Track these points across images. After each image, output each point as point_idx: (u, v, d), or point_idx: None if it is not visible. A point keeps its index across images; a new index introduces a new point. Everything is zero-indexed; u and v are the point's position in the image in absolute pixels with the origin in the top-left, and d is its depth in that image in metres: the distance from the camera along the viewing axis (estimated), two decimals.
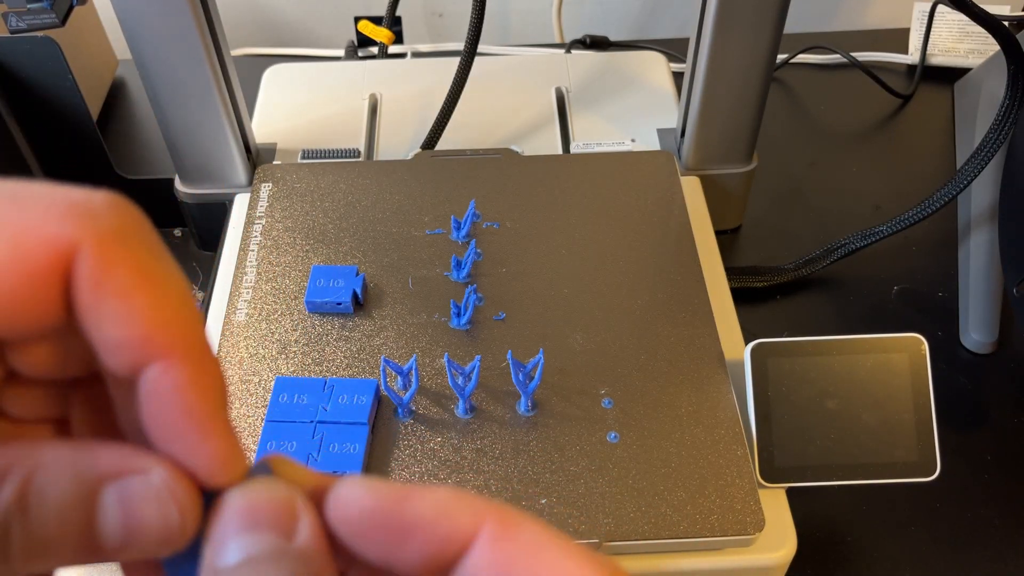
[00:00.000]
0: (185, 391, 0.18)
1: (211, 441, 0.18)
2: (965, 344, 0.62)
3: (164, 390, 0.18)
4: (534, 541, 0.18)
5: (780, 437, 0.43)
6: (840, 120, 0.81)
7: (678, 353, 0.48)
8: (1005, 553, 0.51)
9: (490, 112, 0.68)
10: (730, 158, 0.63)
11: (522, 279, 0.52)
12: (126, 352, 0.18)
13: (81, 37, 0.78)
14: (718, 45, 0.56)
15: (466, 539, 0.18)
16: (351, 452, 0.42)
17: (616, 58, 0.74)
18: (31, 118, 0.62)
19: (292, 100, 0.69)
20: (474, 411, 0.45)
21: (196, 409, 0.18)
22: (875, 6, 1.03)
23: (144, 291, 0.17)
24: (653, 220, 0.55)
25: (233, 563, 0.17)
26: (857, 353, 0.44)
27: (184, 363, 0.18)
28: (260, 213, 0.56)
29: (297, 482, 0.19)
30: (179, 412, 0.18)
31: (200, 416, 0.18)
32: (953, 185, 0.61)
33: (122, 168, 0.65)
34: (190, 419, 0.18)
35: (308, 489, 0.19)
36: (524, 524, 0.18)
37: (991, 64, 0.77)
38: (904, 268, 0.67)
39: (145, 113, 0.81)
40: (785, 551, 0.43)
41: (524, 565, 0.18)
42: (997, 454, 0.56)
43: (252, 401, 0.46)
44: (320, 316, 0.50)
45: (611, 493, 0.42)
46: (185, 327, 0.18)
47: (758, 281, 0.65)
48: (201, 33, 0.52)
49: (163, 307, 0.18)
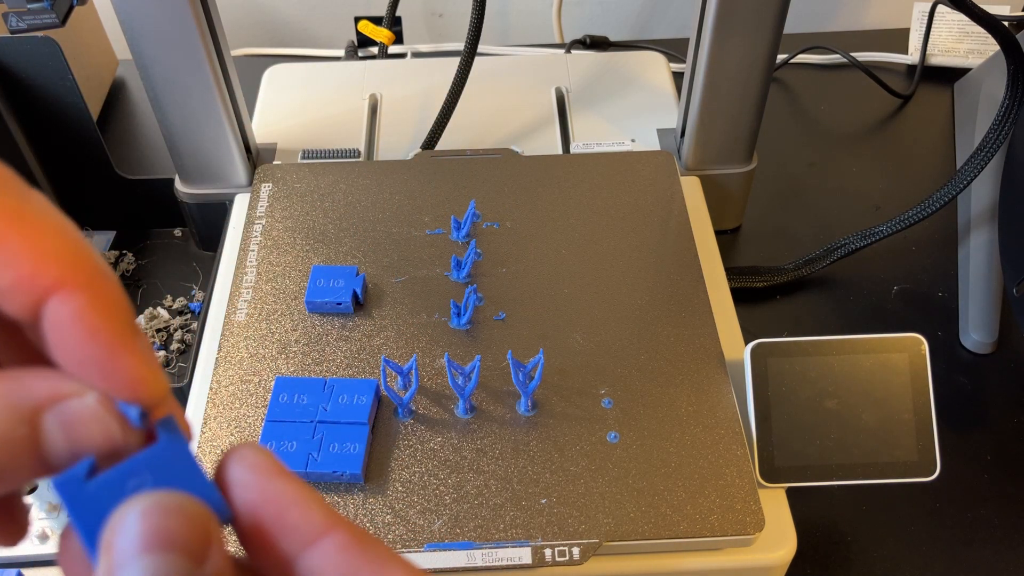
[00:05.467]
0: (84, 317, 0.18)
1: (122, 359, 0.18)
2: (965, 344, 0.62)
3: (63, 321, 0.18)
4: (383, 555, 0.18)
5: (780, 437, 0.43)
6: (840, 120, 0.81)
7: (678, 353, 0.48)
8: (1005, 553, 0.51)
9: (490, 112, 0.68)
10: (730, 158, 0.63)
11: (522, 279, 0.52)
12: (19, 296, 0.18)
13: (81, 37, 0.78)
14: (718, 45, 0.56)
15: (312, 535, 0.18)
16: (351, 452, 0.42)
17: (616, 58, 0.74)
18: (31, 118, 0.62)
19: (292, 100, 0.69)
20: (474, 411, 0.45)
21: (99, 332, 0.18)
22: (875, 6, 1.03)
23: (17, 232, 0.18)
24: (653, 220, 0.55)
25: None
26: (857, 353, 0.44)
27: (78, 291, 0.18)
28: (260, 213, 0.56)
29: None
30: (83, 338, 0.18)
31: (105, 337, 0.18)
32: (953, 185, 0.61)
33: (122, 168, 0.65)
34: (95, 342, 0.18)
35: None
36: (374, 541, 0.19)
37: (991, 64, 0.77)
38: (904, 268, 0.67)
39: (145, 113, 0.82)
40: (785, 551, 0.43)
41: (369, 572, 0.18)
42: (997, 454, 0.56)
43: (252, 401, 0.46)
44: (320, 316, 0.50)
45: (611, 493, 0.42)
46: (69, 257, 0.18)
47: (758, 281, 0.65)
48: (201, 33, 0.52)
49: (41, 243, 0.18)
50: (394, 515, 0.41)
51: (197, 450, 0.44)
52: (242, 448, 0.19)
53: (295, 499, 0.18)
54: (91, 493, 0.18)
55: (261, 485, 0.19)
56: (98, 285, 0.18)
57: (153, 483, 0.18)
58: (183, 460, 0.19)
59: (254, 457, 0.19)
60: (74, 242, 0.18)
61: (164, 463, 0.18)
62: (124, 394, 0.18)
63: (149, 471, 0.18)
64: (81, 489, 0.18)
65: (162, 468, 0.18)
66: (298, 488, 0.19)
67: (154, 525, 0.17)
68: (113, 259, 0.66)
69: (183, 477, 0.18)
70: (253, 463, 0.19)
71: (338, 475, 0.42)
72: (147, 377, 0.19)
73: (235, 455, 0.19)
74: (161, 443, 0.18)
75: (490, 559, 0.40)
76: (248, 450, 0.19)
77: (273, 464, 0.19)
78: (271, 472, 0.19)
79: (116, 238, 0.67)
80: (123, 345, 0.18)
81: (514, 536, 0.41)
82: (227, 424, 0.45)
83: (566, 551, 0.40)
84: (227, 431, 0.44)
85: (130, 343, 0.18)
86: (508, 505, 0.42)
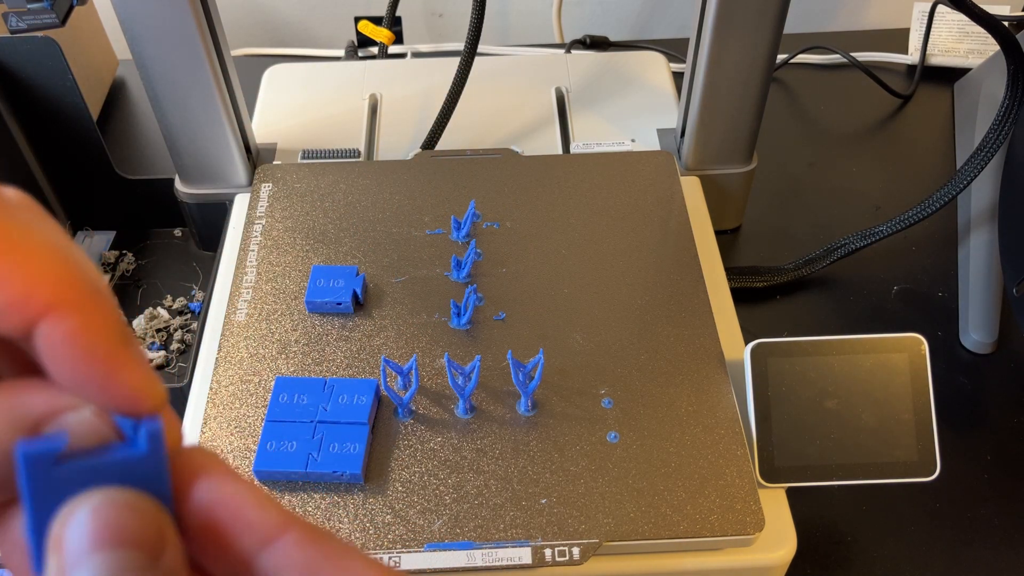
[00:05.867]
0: (76, 338, 0.18)
1: (116, 376, 0.18)
2: (965, 344, 0.62)
3: (56, 342, 0.18)
4: (340, 549, 0.18)
5: (780, 437, 0.43)
6: (840, 120, 0.81)
7: (678, 353, 0.48)
8: (1005, 553, 0.51)
9: (490, 112, 0.68)
10: (730, 158, 0.63)
11: (522, 279, 0.52)
12: (12, 317, 0.18)
13: (81, 37, 0.78)
14: (718, 45, 0.56)
15: (271, 534, 0.18)
16: (351, 452, 0.42)
17: (616, 58, 0.74)
18: (31, 118, 0.62)
19: (292, 100, 0.69)
20: (474, 411, 0.45)
21: (91, 352, 0.18)
22: (875, 6, 1.03)
23: (8, 254, 0.18)
24: (653, 220, 0.55)
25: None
26: (857, 353, 0.44)
27: (69, 313, 0.18)
28: (260, 213, 0.56)
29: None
30: (76, 358, 0.18)
31: (98, 357, 0.18)
32: (953, 185, 0.61)
33: (122, 168, 0.65)
34: (88, 362, 0.18)
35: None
36: (331, 536, 0.19)
37: (991, 64, 0.77)
38: (904, 268, 0.67)
39: (145, 113, 0.82)
40: (785, 551, 0.43)
41: (330, 569, 0.18)
42: (997, 454, 0.56)
43: (252, 401, 0.46)
44: (320, 316, 0.50)
45: (611, 493, 0.42)
46: (61, 279, 0.18)
47: (758, 281, 0.65)
48: (201, 33, 0.52)
49: (33, 266, 0.18)
50: (394, 515, 0.41)
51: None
52: (192, 450, 0.19)
53: (251, 499, 0.18)
54: (54, 478, 0.17)
55: (216, 487, 0.19)
56: (90, 306, 0.18)
57: (117, 482, 0.18)
58: (157, 472, 0.18)
59: (204, 459, 0.19)
60: (67, 263, 0.18)
61: (137, 470, 0.18)
62: (121, 409, 0.19)
63: (116, 471, 0.18)
64: (46, 471, 0.17)
65: (131, 470, 0.18)
66: (252, 489, 0.19)
67: (107, 520, 0.17)
68: (113, 259, 0.66)
69: (148, 481, 0.18)
70: (209, 468, 0.19)
71: (338, 475, 0.42)
72: (142, 391, 0.19)
73: (191, 459, 0.19)
74: (140, 449, 0.18)
75: (490, 559, 0.40)
76: (198, 453, 0.19)
77: (225, 466, 0.19)
78: (224, 474, 0.19)
79: (116, 238, 0.67)
80: (116, 362, 0.18)
81: (514, 536, 0.41)
82: (227, 424, 0.45)
83: (566, 551, 0.40)
84: (227, 431, 0.44)
85: (123, 359, 0.18)
86: (508, 505, 0.42)
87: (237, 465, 0.43)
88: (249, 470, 0.43)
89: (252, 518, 0.18)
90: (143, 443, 0.18)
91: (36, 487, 0.17)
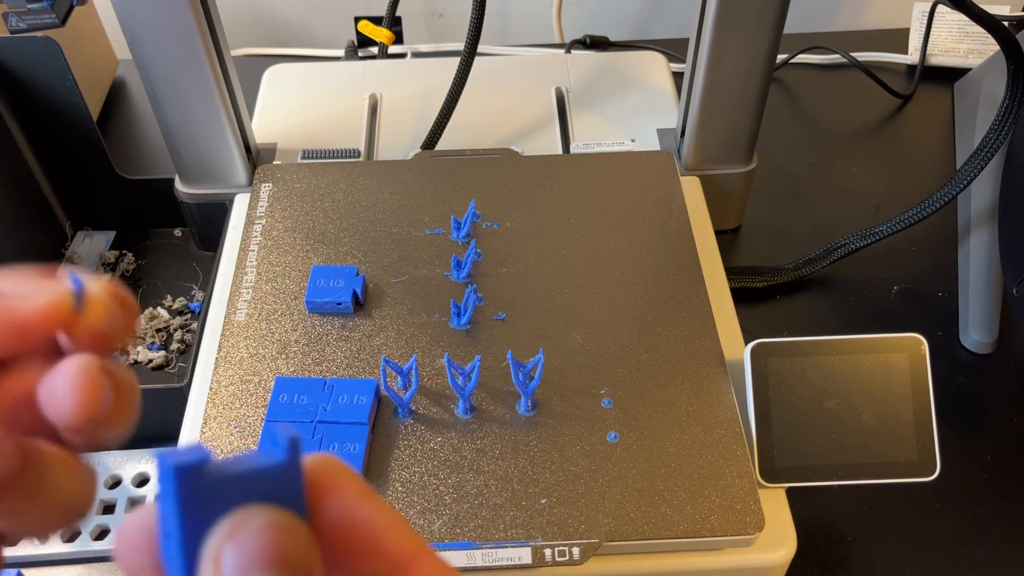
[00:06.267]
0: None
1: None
2: (965, 344, 0.62)
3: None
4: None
5: (780, 437, 0.43)
6: (840, 120, 0.81)
7: (678, 353, 0.48)
8: (1005, 553, 0.51)
9: (490, 112, 0.68)
10: (730, 158, 0.63)
11: (522, 279, 0.52)
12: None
13: (81, 37, 0.78)
14: (718, 45, 0.56)
15: (403, 563, 0.18)
16: (351, 452, 0.42)
17: (616, 58, 0.74)
18: (31, 118, 0.62)
19: (292, 100, 0.69)
20: (474, 411, 0.45)
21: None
22: (875, 6, 1.03)
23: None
24: (653, 220, 0.55)
25: None
26: (857, 353, 0.44)
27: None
28: (260, 213, 0.56)
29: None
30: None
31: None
32: (953, 185, 0.61)
33: (122, 168, 0.65)
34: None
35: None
36: (457, 573, 0.19)
37: (991, 64, 0.77)
38: (904, 268, 0.67)
39: (145, 113, 0.82)
40: (785, 551, 0.43)
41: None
42: (997, 454, 0.56)
43: (252, 401, 0.46)
44: (320, 316, 0.50)
45: (611, 493, 0.42)
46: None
47: (758, 281, 0.65)
48: (201, 33, 0.52)
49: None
50: None
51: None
52: (329, 465, 0.19)
53: (387, 524, 0.18)
54: (202, 489, 0.17)
55: (352, 506, 0.18)
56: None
57: (262, 495, 0.17)
58: (294, 482, 0.18)
59: (337, 472, 0.19)
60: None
61: (277, 479, 0.18)
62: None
63: (261, 482, 0.18)
64: (196, 480, 0.17)
65: (273, 483, 0.18)
66: (389, 512, 0.18)
67: (271, 542, 0.17)
68: (113, 259, 0.66)
69: (290, 498, 0.18)
70: (343, 485, 0.18)
71: None
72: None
73: (324, 473, 0.18)
74: (279, 458, 0.18)
75: (490, 559, 0.40)
76: (332, 464, 0.19)
77: (362, 485, 0.19)
78: (360, 492, 0.18)
79: (116, 238, 0.67)
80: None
81: (514, 536, 0.41)
82: (227, 424, 0.45)
83: (566, 551, 0.40)
84: (227, 431, 0.44)
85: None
86: (508, 505, 0.42)
87: None
88: None
89: (387, 545, 0.18)
90: (282, 451, 0.18)
91: (185, 499, 0.17)
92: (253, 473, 0.17)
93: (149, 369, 0.59)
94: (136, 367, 0.59)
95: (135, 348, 0.60)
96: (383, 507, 0.18)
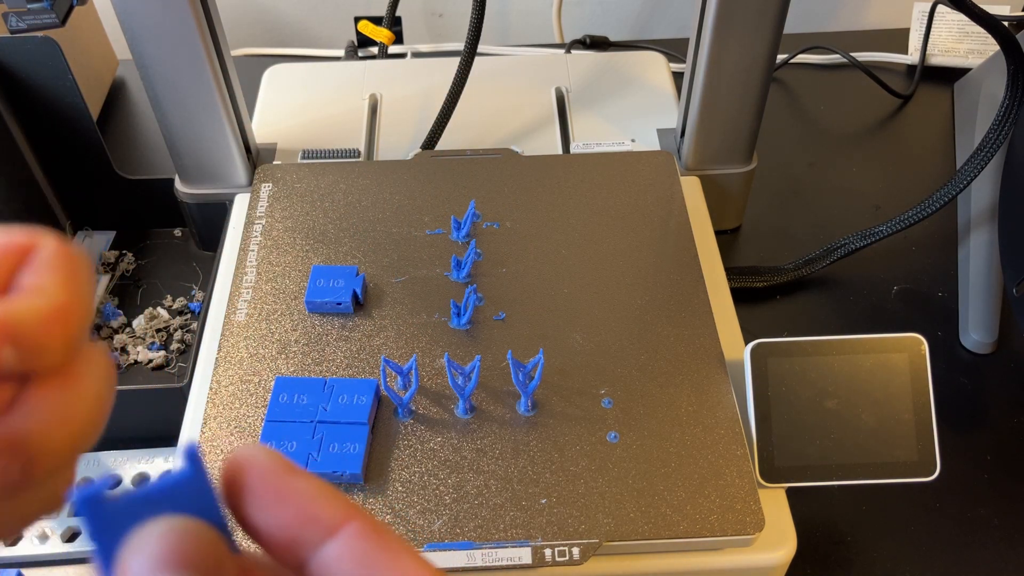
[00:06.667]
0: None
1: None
2: (965, 344, 0.62)
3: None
4: (396, 543, 0.19)
5: (780, 437, 0.43)
6: (840, 120, 0.81)
7: (678, 353, 0.48)
8: (1005, 553, 0.51)
9: (490, 112, 0.68)
10: (730, 158, 0.63)
11: (522, 279, 0.52)
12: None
13: (81, 37, 0.78)
14: (718, 45, 0.56)
15: (332, 526, 0.19)
16: (351, 452, 0.42)
17: (616, 58, 0.74)
18: (31, 118, 0.62)
19: (292, 100, 0.69)
20: (474, 411, 0.45)
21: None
22: (875, 6, 1.03)
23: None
24: (653, 220, 0.55)
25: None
26: (857, 353, 0.44)
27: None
28: (260, 213, 0.56)
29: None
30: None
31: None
32: (953, 185, 0.61)
33: (122, 168, 0.65)
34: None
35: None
36: (388, 530, 0.20)
37: (991, 64, 0.77)
38: (904, 268, 0.67)
39: (145, 113, 0.82)
40: (785, 551, 0.43)
41: (383, 562, 0.19)
42: (997, 454, 0.56)
43: (252, 401, 0.46)
44: (320, 316, 0.50)
45: (611, 493, 0.42)
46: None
47: (758, 281, 0.65)
48: (201, 33, 0.52)
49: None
50: (394, 515, 0.41)
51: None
52: (250, 450, 0.20)
53: (314, 493, 0.19)
54: (110, 514, 0.18)
55: (278, 484, 0.19)
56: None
57: (171, 509, 0.19)
58: (203, 491, 0.19)
59: (265, 458, 0.20)
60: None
61: (184, 492, 0.19)
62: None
63: (167, 499, 0.19)
64: (100, 509, 0.18)
65: (181, 497, 0.19)
66: (314, 482, 0.19)
67: (170, 546, 0.18)
68: (113, 259, 0.66)
69: (200, 507, 0.19)
70: (265, 464, 0.19)
71: (338, 475, 0.42)
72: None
73: (245, 458, 0.20)
74: (184, 473, 0.19)
75: (490, 559, 0.40)
76: (257, 451, 0.20)
77: (284, 462, 0.20)
78: (285, 470, 0.19)
79: (116, 238, 0.67)
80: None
81: (514, 536, 0.41)
82: (227, 424, 0.45)
83: (566, 551, 0.40)
84: (227, 431, 0.44)
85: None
86: (508, 505, 0.42)
87: None
88: None
89: (316, 512, 0.19)
90: (186, 466, 0.19)
91: (97, 525, 0.18)
92: (159, 492, 0.19)
93: (149, 369, 0.59)
94: (136, 367, 0.59)
95: (135, 348, 0.60)
96: (309, 478, 0.20)
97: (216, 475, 0.19)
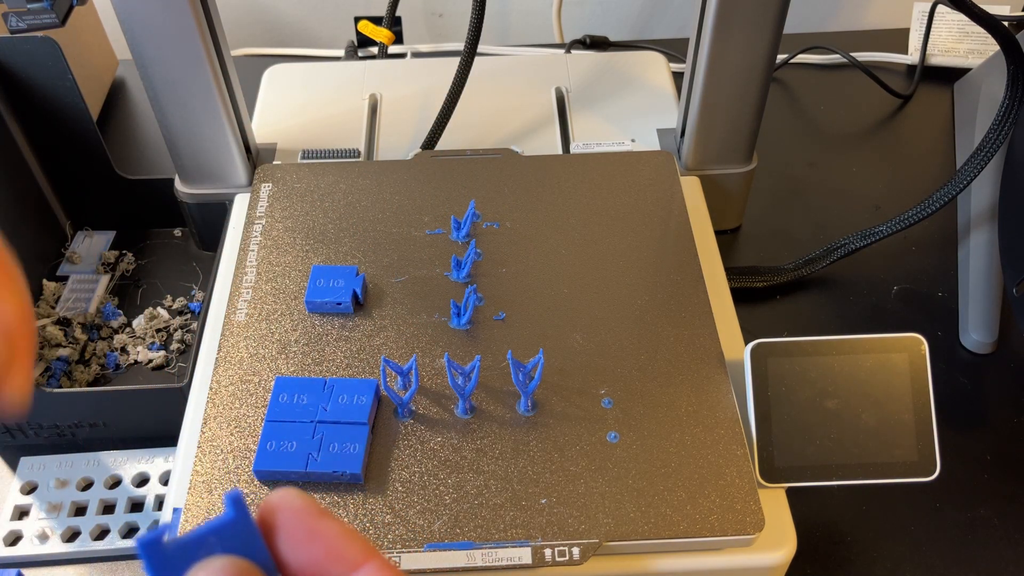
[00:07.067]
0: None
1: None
2: (965, 344, 0.62)
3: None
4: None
5: (780, 437, 0.43)
6: (840, 120, 0.81)
7: (678, 353, 0.48)
8: (1005, 553, 0.51)
9: (490, 112, 0.68)
10: (730, 158, 0.63)
11: (522, 279, 0.52)
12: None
13: (81, 37, 0.78)
14: (718, 45, 0.56)
15: (355, 563, 0.22)
16: (351, 452, 0.42)
17: (616, 58, 0.74)
18: (31, 118, 0.62)
19: (292, 100, 0.69)
20: (474, 411, 0.45)
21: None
22: (875, 6, 1.03)
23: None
24: (653, 220, 0.55)
25: None
26: (857, 353, 0.44)
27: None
28: (260, 213, 0.56)
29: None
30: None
31: None
32: (953, 185, 0.61)
33: (122, 168, 0.65)
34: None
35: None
36: (401, 574, 0.23)
37: (991, 64, 0.77)
38: (904, 268, 0.67)
39: (145, 113, 0.82)
40: (785, 551, 0.43)
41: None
42: (997, 454, 0.56)
43: (252, 401, 0.46)
44: (320, 316, 0.50)
45: (611, 493, 0.42)
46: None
47: (758, 281, 0.65)
48: (201, 33, 0.52)
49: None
50: (394, 515, 0.41)
51: (197, 452, 0.44)
52: (284, 493, 0.23)
53: (340, 533, 0.22)
54: (167, 555, 0.21)
55: (310, 524, 0.22)
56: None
57: (220, 549, 0.21)
58: (249, 533, 0.22)
59: (298, 501, 0.22)
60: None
61: (231, 534, 0.22)
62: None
63: (217, 539, 0.21)
64: (159, 550, 0.21)
65: (229, 538, 0.22)
66: (340, 524, 0.22)
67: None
68: (113, 259, 0.66)
69: (247, 546, 0.22)
70: (298, 506, 0.22)
71: (338, 475, 0.42)
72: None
73: (279, 501, 0.22)
74: (228, 515, 0.21)
75: (490, 559, 0.40)
76: (290, 494, 0.23)
77: (315, 504, 0.23)
78: (316, 512, 0.22)
79: (116, 238, 0.67)
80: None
81: (514, 536, 0.41)
82: (227, 424, 0.45)
83: (566, 551, 0.40)
84: (227, 431, 0.44)
85: None
86: (508, 505, 0.42)
87: (237, 465, 0.43)
88: (249, 470, 0.43)
89: (342, 549, 0.22)
90: (229, 509, 0.22)
91: (156, 564, 0.21)
92: (209, 533, 0.21)
93: (149, 369, 0.59)
94: (136, 367, 0.59)
95: (135, 348, 0.60)
96: (336, 521, 0.22)
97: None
